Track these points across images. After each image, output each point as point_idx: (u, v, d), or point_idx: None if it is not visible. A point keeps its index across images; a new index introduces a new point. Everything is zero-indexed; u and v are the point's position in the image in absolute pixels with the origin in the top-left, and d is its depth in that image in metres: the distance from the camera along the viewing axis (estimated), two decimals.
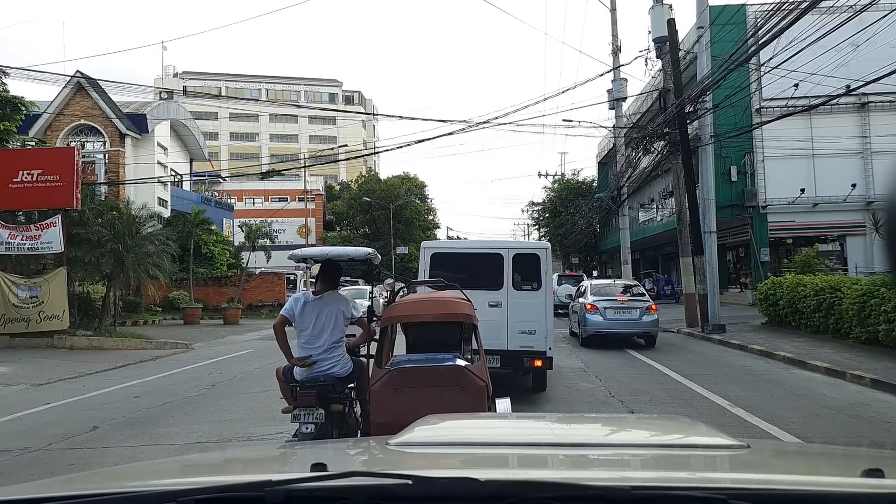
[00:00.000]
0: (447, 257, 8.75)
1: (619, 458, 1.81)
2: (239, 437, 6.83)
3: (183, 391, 9.97)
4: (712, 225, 16.68)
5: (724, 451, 1.75)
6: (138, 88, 47.56)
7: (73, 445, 6.68)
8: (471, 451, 1.88)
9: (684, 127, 16.43)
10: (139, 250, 18.15)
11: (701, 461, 1.73)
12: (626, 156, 23.79)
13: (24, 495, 1.29)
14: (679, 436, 2.13)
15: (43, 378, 11.69)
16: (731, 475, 1.55)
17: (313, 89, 78.06)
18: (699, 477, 1.54)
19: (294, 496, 1.17)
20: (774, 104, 21.33)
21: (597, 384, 9.65)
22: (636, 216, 31.35)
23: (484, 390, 4.43)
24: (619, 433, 2.28)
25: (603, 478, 1.47)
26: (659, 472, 1.60)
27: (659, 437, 2.14)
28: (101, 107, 28.27)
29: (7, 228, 15.99)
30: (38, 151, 19.55)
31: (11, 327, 15.68)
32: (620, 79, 22.59)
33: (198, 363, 13.56)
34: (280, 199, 49.53)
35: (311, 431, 4.67)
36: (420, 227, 52.12)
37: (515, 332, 8.38)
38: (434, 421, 2.28)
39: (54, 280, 16.02)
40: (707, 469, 1.66)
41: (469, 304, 5.11)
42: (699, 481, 1.41)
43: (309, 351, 4.99)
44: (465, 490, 1.18)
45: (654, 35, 17.36)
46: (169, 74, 69.52)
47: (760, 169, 23.70)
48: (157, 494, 1.23)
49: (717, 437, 1.90)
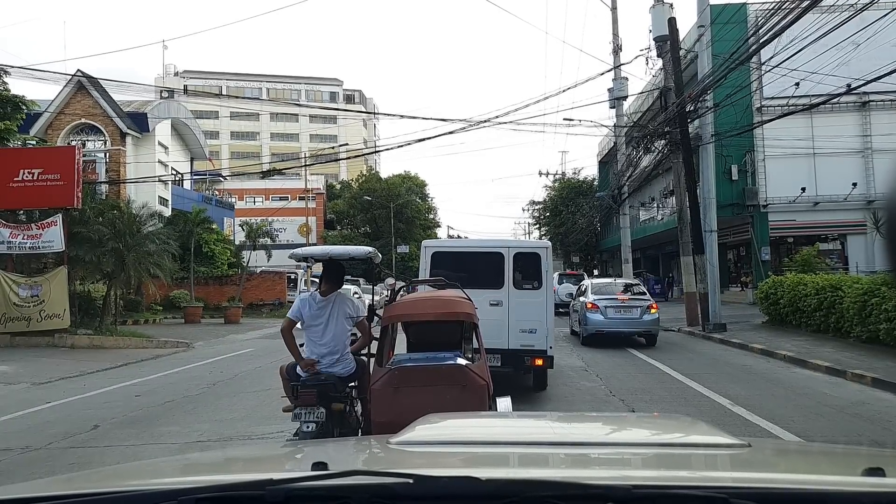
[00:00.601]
0: (448, 256, 8.75)
1: (620, 456, 1.81)
2: (240, 436, 6.83)
3: (184, 390, 9.98)
4: (713, 224, 16.67)
5: (725, 450, 1.75)
6: (139, 87, 47.60)
7: (74, 444, 6.69)
8: (472, 450, 1.88)
9: (685, 126, 16.42)
10: (140, 249, 18.17)
11: (702, 460, 1.72)
12: (626, 155, 23.79)
13: (26, 494, 1.29)
14: (680, 435, 2.13)
15: (44, 377, 11.70)
16: (732, 474, 1.55)
17: (314, 88, 78.08)
18: (700, 476, 1.54)
19: (295, 495, 1.17)
20: (775, 103, 21.31)
21: (597, 383, 9.65)
22: (637, 215, 31.35)
23: (485, 389, 4.43)
24: (620, 432, 2.28)
25: (604, 476, 1.47)
26: (660, 470, 1.60)
27: (660, 436, 2.14)
28: (101, 106, 28.29)
29: (8, 227, 16.00)
30: (38, 150, 19.57)
31: (12, 326, 15.69)
32: (621, 78, 22.59)
33: (198, 362, 13.57)
34: (281, 198, 49.50)
35: (311, 430, 4.67)
36: (421, 226, 52.14)
37: (516, 331, 8.37)
38: (435, 420, 2.28)
39: (55, 279, 16.03)
40: (708, 468, 1.66)
41: (470, 304, 5.11)
42: (700, 480, 1.41)
43: (315, 350, 5.00)
44: (466, 489, 1.18)
45: (655, 34, 17.36)
46: (170, 73, 69.55)
47: (761, 168, 23.68)
48: (158, 493, 1.23)
49: (718, 436, 1.90)
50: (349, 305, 5.16)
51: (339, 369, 5.01)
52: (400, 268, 43.55)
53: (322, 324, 5.01)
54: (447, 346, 5.18)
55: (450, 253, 9.00)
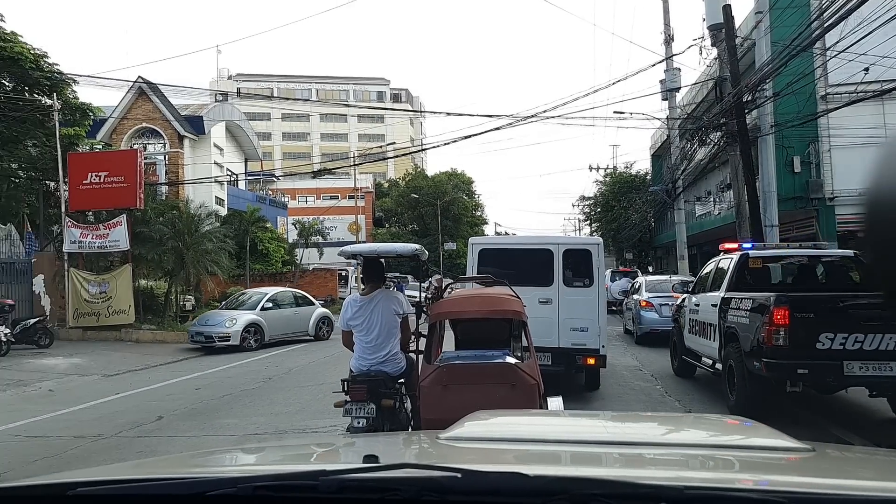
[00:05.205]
0: (495, 253, 8.69)
1: (673, 457, 1.76)
2: (294, 430, 7.00)
3: (241, 384, 10.29)
4: (774, 218, 16.08)
5: (786, 453, 1.69)
6: (195, 91, 49.15)
7: (141, 434, 7.00)
8: (521, 448, 1.87)
9: (742, 117, 15.87)
10: (198, 247, 18.78)
11: (760, 463, 1.67)
12: (680, 147, 23.19)
13: (100, 477, 1.36)
14: (739, 437, 2.07)
15: (112, 369, 12.29)
16: (791, 478, 1.50)
17: (362, 88, 79.11)
18: (757, 479, 1.49)
19: (347, 486, 1.19)
20: (842, 90, 20.31)
21: (652, 383, 9.44)
22: (692, 210, 30.51)
23: (535, 388, 4.38)
24: (675, 433, 2.22)
25: (655, 476, 1.44)
26: (715, 472, 1.56)
27: (718, 438, 2.08)
28: (161, 110, 29.43)
29: (79, 228, 16.87)
30: (104, 154, 20.50)
31: (83, 321, 16.57)
32: (674, 68, 22.04)
33: (255, 357, 13.96)
34: (331, 197, 50.37)
35: (362, 426, 4.73)
36: (468, 223, 52.15)
37: (567, 330, 8.25)
38: (484, 416, 2.28)
39: (121, 276, 16.80)
40: (766, 471, 1.60)
41: (518, 301, 5.07)
42: (756, 483, 1.37)
43: (364, 350, 5.08)
44: (513, 484, 1.18)
45: (709, 22, 16.86)
46: (223, 77, 71.67)
47: (826, 159, 22.65)
48: (218, 481, 1.28)
49: (780, 439, 1.84)
50: (395, 303, 5.20)
51: (388, 367, 5.06)
52: (447, 265, 43.67)
53: (365, 323, 5.06)
54: (495, 344, 5.15)
55: (497, 250, 8.94)
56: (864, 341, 6.03)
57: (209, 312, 16.96)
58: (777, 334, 6.21)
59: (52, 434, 7.05)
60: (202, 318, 16.36)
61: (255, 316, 15.73)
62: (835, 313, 6.23)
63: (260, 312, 15.91)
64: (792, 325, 6.17)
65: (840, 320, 6.14)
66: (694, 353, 9.18)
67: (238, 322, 15.27)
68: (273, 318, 16.14)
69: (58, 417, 8.03)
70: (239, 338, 15.03)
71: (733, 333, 7.29)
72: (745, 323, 6.95)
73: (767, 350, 6.30)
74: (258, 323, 15.64)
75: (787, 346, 6.18)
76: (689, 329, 9.30)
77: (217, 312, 16.45)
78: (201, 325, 15.64)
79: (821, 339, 6.10)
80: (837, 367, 6.07)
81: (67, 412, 8.37)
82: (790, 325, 6.17)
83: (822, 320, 6.18)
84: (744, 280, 7.92)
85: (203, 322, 15.84)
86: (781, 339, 6.20)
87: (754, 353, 6.61)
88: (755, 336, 6.58)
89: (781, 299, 6.35)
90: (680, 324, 9.84)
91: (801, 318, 6.20)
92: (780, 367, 6.26)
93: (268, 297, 16.50)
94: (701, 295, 9.00)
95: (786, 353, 6.21)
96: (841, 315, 6.19)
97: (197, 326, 15.77)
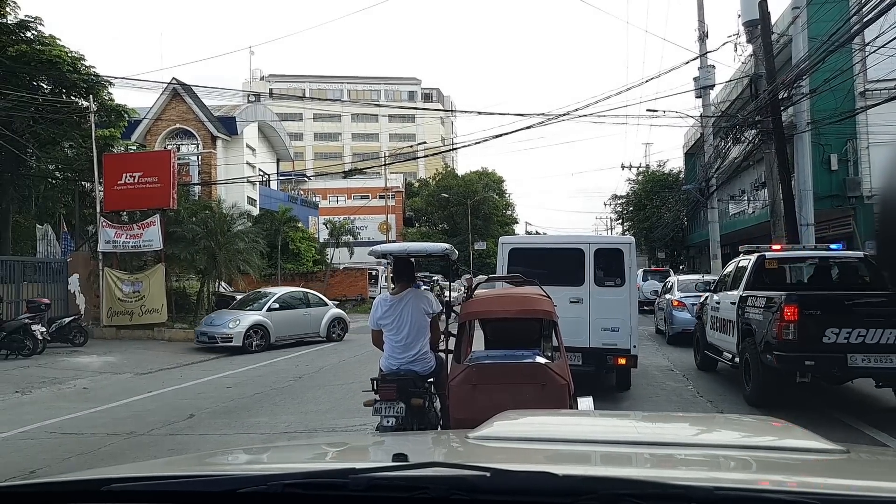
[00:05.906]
0: (526, 253, 8.66)
1: (705, 458, 1.74)
2: (324, 428, 7.06)
3: (271, 382, 10.42)
4: (810, 217, 15.69)
5: (819, 455, 1.66)
6: (228, 92, 50.00)
7: (173, 431, 7.13)
8: (551, 447, 1.86)
9: (777, 114, 15.53)
10: (230, 247, 19.02)
11: (793, 464, 1.63)
12: (714, 146, 22.79)
13: (133, 474, 1.39)
14: (771, 438, 2.03)
15: (145, 368, 12.56)
16: (823, 480, 1.45)
17: (393, 88, 79.52)
18: (789, 480, 1.46)
19: (376, 484, 1.20)
20: (881, 86, 19.73)
21: (684, 383, 9.30)
22: (726, 209, 29.96)
23: (565, 389, 4.35)
24: (706, 433, 2.19)
25: (685, 477, 1.42)
26: (746, 473, 1.53)
27: (749, 439, 2.05)
28: (194, 111, 30.01)
29: (113, 227, 17.24)
30: (138, 155, 20.96)
31: (117, 320, 16.94)
32: (707, 66, 21.67)
33: (285, 356, 14.12)
34: (362, 197, 50.80)
35: (392, 425, 4.75)
36: (498, 223, 52.08)
37: (598, 330, 8.18)
38: (514, 416, 2.27)
39: (154, 276, 17.13)
40: (798, 473, 1.57)
41: (548, 301, 5.04)
42: (788, 485, 1.33)
43: (393, 349, 5.09)
44: (542, 484, 1.17)
45: (744, 19, 16.56)
46: (256, 78, 72.76)
47: (865, 156, 22.02)
48: (249, 478, 1.29)
49: (814, 440, 1.80)
50: (425, 302, 5.20)
51: (418, 366, 5.07)
52: (477, 264, 43.66)
53: (395, 322, 5.08)
54: (525, 344, 5.13)
55: (528, 249, 8.91)
56: (867, 336, 6.57)
57: (216, 312, 16.73)
58: (787, 329, 6.75)
59: (87, 431, 7.20)
60: (208, 318, 16.22)
61: (260, 317, 15.34)
62: (840, 310, 6.76)
63: (266, 313, 15.50)
64: (801, 320, 6.69)
65: (844, 316, 6.66)
66: (715, 349, 9.62)
67: (242, 323, 14.94)
68: (280, 318, 15.70)
69: (92, 415, 8.20)
70: (242, 339, 14.65)
71: (749, 329, 7.79)
72: (760, 319, 7.46)
73: (779, 344, 6.83)
74: (263, 324, 15.24)
75: (797, 340, 6.71)
76: (711, 325, 9.78)
77: (223, 312, 16.16)
78: (206, 326, 15.47)
79: (827, 334, 6.63)
80: (842, 360, 6.60)
81: (101, 410, 8.55)
82: (799, 320, 6.69)
83: (828, 316, 6.70)
84: (760, 280, 8.42)
85: (208, 322, 15.65)
86: (791, 334, 6.72)
87: (767, 346, 7.12)
88: (768, 331, 7.11)
89: (791, 297, 6.90)
90: (703, 320, 10.29)
91: (808, 314, 6.72)
92: (790, 360, 6.81)
93: (275, 298, 16.13)
94: (722, 293, 9.46)
95: (795, 347, 6.73)
96: (845, 312, 6.71)
97: (202, 326, 15.62)
